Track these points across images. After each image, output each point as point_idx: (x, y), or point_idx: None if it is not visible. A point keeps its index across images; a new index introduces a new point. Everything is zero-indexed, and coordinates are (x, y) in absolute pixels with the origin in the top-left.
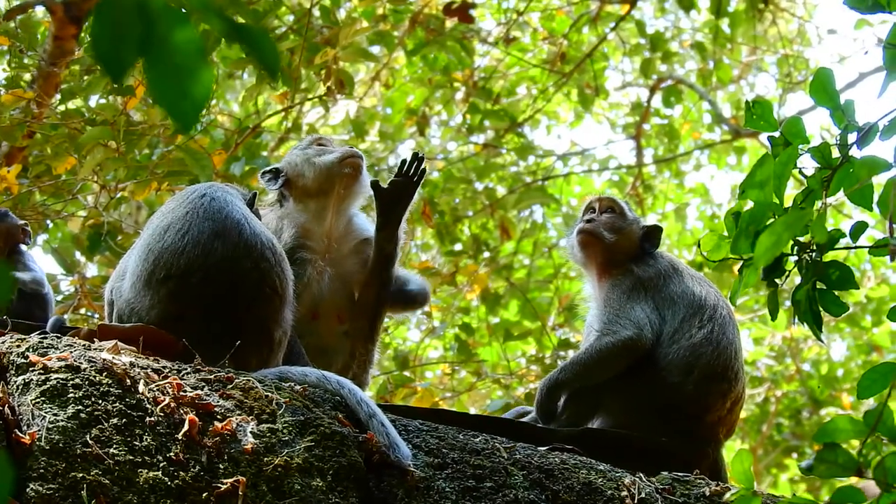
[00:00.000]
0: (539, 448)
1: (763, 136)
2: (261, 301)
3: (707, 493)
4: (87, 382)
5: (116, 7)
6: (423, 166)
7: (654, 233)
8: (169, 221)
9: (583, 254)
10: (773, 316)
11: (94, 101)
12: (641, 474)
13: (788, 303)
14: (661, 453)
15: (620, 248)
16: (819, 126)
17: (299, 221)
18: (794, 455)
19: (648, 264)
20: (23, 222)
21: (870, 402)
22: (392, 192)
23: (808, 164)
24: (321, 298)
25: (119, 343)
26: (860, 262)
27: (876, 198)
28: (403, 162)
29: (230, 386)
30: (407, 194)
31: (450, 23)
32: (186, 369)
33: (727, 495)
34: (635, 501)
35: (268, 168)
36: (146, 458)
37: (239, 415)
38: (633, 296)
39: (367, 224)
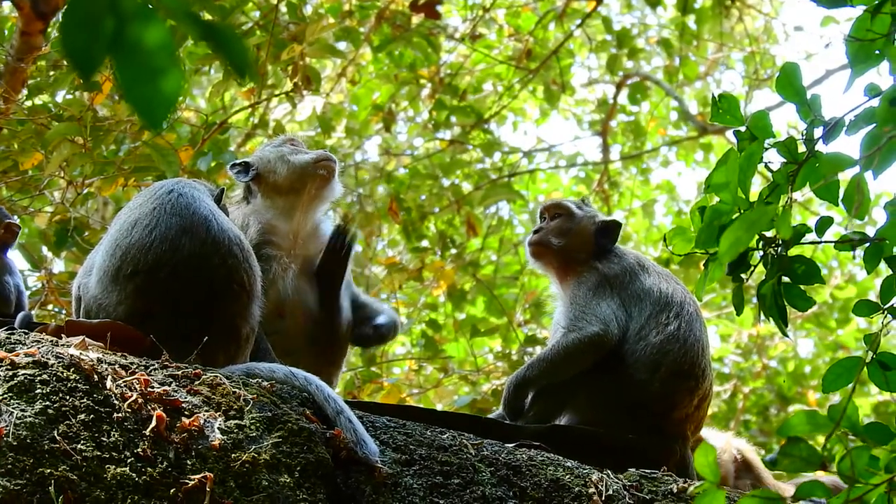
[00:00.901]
0: (506, 445)
1: (730, 133)
2: (229, 297)
3: (674, 490)
4: (54, 378)
5: (88, 3)
6: (348, 239)
7: (610, 227)
8: (136, 217)
9: (538, 263)
10: (739, 311)
11: (60, 96)
12: (609, 471)
13: (756, 300)
14: (628, 450)
15: (573, 248)
16: (786, 123)
17: (266, 218)
18: (762, 452)
19: (613, 261)
20: (11, 219)
21: (836, 399)
22: (322, 271)
23: (774, 159)
24: (286, 296)
25: (87, 339)
26: (827, 260)
27: (842, 194)
28: (331, 237)
29: (198, 382)
30: (339, 271)
31: (416, 19)
32: (154, 365)
33: (691, 488)
34: (603, 498)
35: (238, 161)
36: (114, 454)
37: (206, 411)
38: (599, 292)
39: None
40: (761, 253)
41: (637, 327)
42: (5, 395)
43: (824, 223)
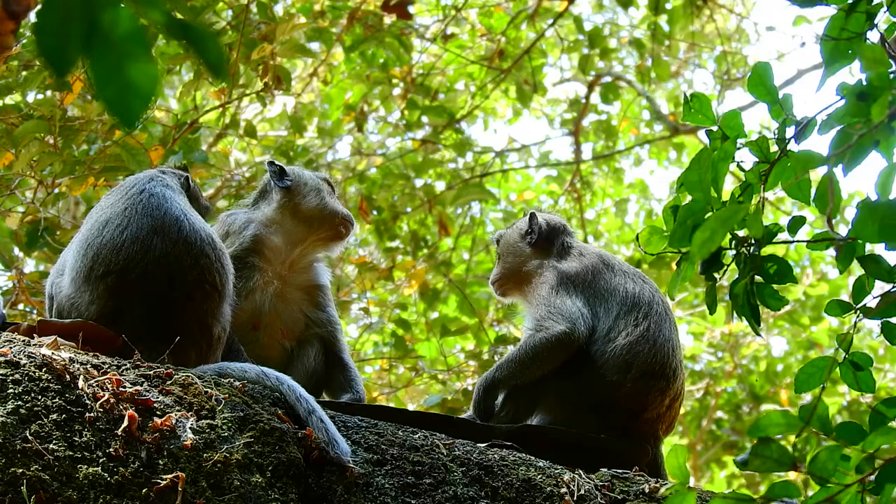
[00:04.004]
0: (478, 445)
1: (702, 133)
2: (200, 297)
3: (646, 490)
4: (26, 378)
5: (62, 3)
6: None
7: (531, 224)
8: (108, 217)
9: (505, 298)
10: (712, 310)
11: (31, 96)
12: (581, 471)
13: (728, 298)
14: (600, 450)
15: (513, 263)
16: (759, 124)
17: (267, 231)
18: (735, 450)
19: (573, 259)
20: None
21: (808, 398)
22: None
23: (746, 159)
24: (263, 309)
25: (59, 339)
26: (800, 259)
27: (814, 193)
28: None
29: (169, 382)
30: None
31: (388, 19)
32: (126, 365)
33: (663, 489)
34: (574, 498)
35: (279, 163)
36: (86, 453)
37: (178, 411)
38: (561, 290)
39: (325, 273)
40: (734, 252)
41: (605, 328)
42: None
43: (797, 222)
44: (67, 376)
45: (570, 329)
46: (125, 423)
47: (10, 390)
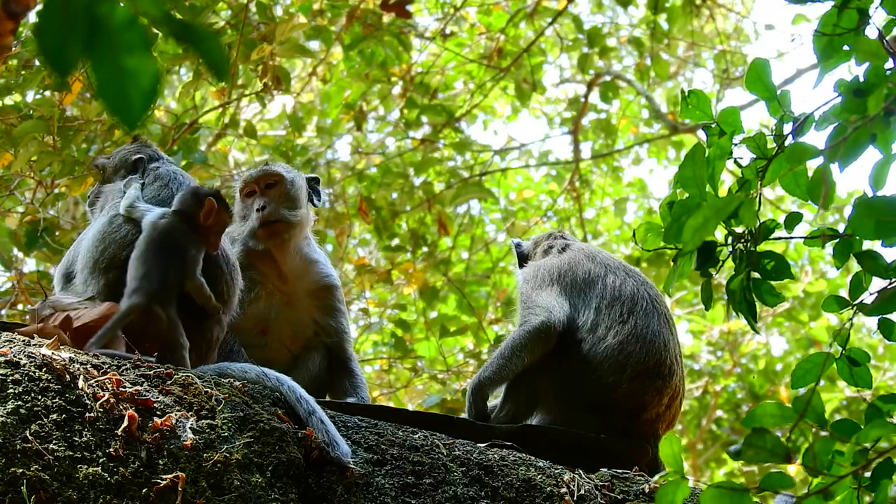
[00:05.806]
0: (478, 445)
1: (701, 133)
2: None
3: (646, 490)
4: (26, 378)
5: (63, 4)
6: None
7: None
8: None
9: None
10: (707, 306)
11: (30, 96)
12: (581, 471)
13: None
14: (600, 450)
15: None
16: (759, 123)
17: (250, 244)
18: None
19: (553, 256)
20: None
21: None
22: None
23: (744, 156)
24: (270, 316)
25: (63, 337)
26: (799, 257)
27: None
28: None
29: (169, 382)
30: None
31: (387, 18)
32: (126, 365)
33: (656, 478)
34: (574, 498)
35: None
36: (86, 453)
37: (178, 411)
38: (537, 285)
39: (330, 271)
40: (731, 249)
41: (588, 321)
42: None
43: (793, 218)
44: (67, 376)
45: (546, 318)
46: (125, 423)
47: (11, 390)
